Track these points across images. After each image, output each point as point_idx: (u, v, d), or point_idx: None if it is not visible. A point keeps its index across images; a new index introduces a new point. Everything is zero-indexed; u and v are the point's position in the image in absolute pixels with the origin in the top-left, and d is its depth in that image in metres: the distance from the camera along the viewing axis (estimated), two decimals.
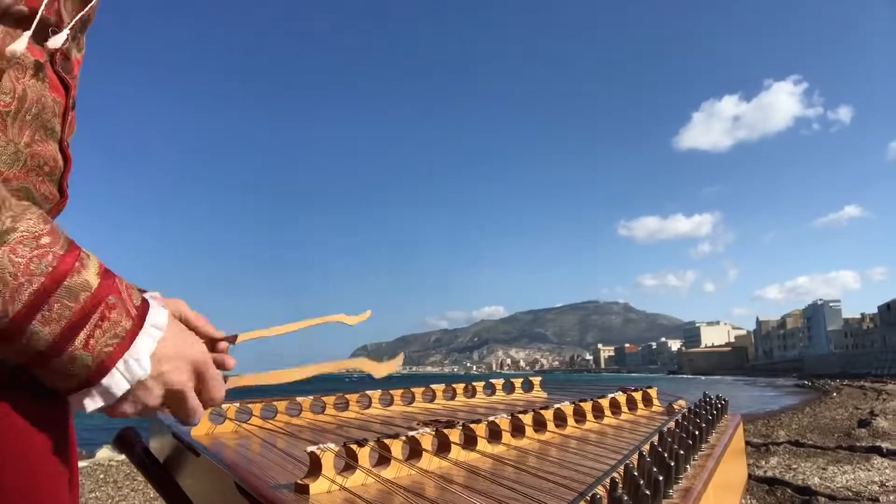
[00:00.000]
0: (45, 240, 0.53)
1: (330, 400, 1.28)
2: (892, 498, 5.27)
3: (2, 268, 0.50)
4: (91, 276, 0.55)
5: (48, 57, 0.65)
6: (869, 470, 6.61)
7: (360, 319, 0.99)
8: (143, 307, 0.59)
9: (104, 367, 0.55)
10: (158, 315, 0.60)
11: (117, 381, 0.57)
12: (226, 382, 0.72)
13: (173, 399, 0.63)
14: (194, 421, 0.66)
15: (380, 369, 0.88)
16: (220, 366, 0.73)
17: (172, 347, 0.61)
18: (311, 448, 0.66)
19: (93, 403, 0.57)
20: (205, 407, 0.68)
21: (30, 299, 0.51)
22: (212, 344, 0.75)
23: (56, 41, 0.62)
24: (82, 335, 0.54)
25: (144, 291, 1.06)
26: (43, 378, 0.56)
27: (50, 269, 0.52)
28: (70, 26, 0.64)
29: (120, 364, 0.56)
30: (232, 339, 0.75)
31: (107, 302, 0.55)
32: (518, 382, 1.56)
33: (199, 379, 0.65)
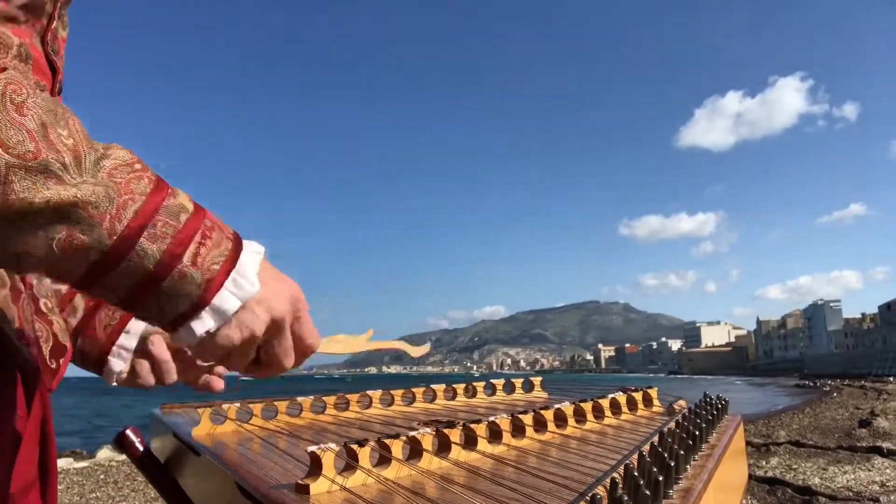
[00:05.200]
0: (137, 166, 0.54)
1: (330, 400, 1.28)
2: (892, 498, 5.27)
3: (105, 186, 0.50)
4: (185, 200, 0.56)
5: (39, 37, 0.62)
6: (870, 470, 6.60)
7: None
8: (238, 235, 0.59)
9: (214, 284, 0.55)
10: (255, 244, 0.60)
11: (227, 299, 0.56)
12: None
13: (275, 331, 0.61)
14: (287, 364, 0.64)
15: (417, 350, 1.07)
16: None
17: (273, 276, 0.60)
18: (311, 448, 0.66)
19: (202, 325, 0.56)
20: (301, 352, 0.65)
21: (135, 217, 0.51)
22: None
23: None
24: (189, 252, 0.54)
25: None
26: (153, 308, 0.55)
27: (149, 189, 0.53)
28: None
29: (228, 282, 0.56)
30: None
31: (205, 223, 0.56)
32: (518, 382, 1.56)
33: (297, 313, 0.63)
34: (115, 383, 0.94)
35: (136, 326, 0.93)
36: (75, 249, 0.50)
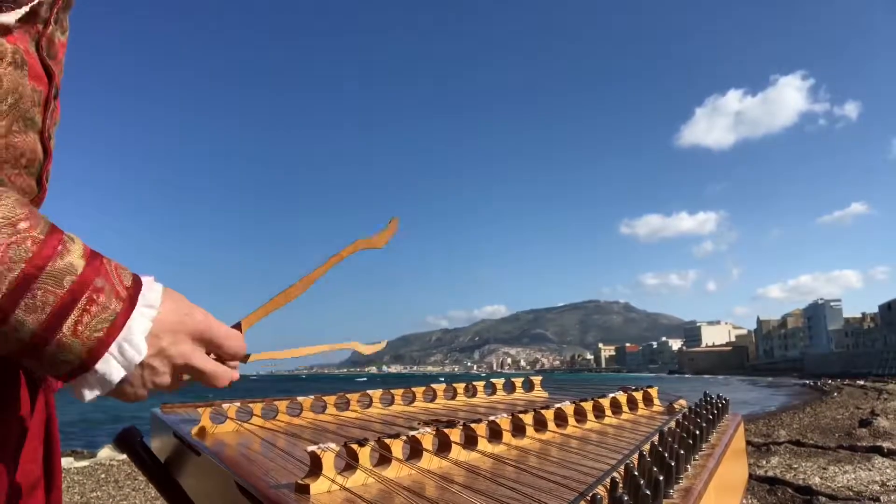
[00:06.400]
0: (22, 225, 0.50)
1: (331, 400, 1.28)
2: (892, 498, 5.27)
3: None
4: (76, 259, 0.53)
5: (34, 43, 0.62)
6: (870, 470, 6.61)
7: (375, 349, 1.07)
8: (135, 287, 0.57)
9: (96, 353, 0.54)
10: (152, 292, 0.58)
11: (112, 367, 0.55)
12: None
13: (186, 371, 0.61)
14: (223, 383, 0.65)
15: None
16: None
17: (168, 322, 0.59)
18: (311, 448, 0.66)
19: (90, 392, 0.55)
20: (230, 362, 0.66)
21: (11, 288, 0.49)
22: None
23: (8, 17, 0.58)
24: (70, 321, 0.52)
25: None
26: (35, 368, 0.55)
27: (30, 254, 0.50)
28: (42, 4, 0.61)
29: (113, 348, 0.54)
30: (244, 359, 0.73)
31: (94, 285, 0.53)
32: (519, 382, 1.56)
33: (208, 343, 0.63)
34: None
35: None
36: None
